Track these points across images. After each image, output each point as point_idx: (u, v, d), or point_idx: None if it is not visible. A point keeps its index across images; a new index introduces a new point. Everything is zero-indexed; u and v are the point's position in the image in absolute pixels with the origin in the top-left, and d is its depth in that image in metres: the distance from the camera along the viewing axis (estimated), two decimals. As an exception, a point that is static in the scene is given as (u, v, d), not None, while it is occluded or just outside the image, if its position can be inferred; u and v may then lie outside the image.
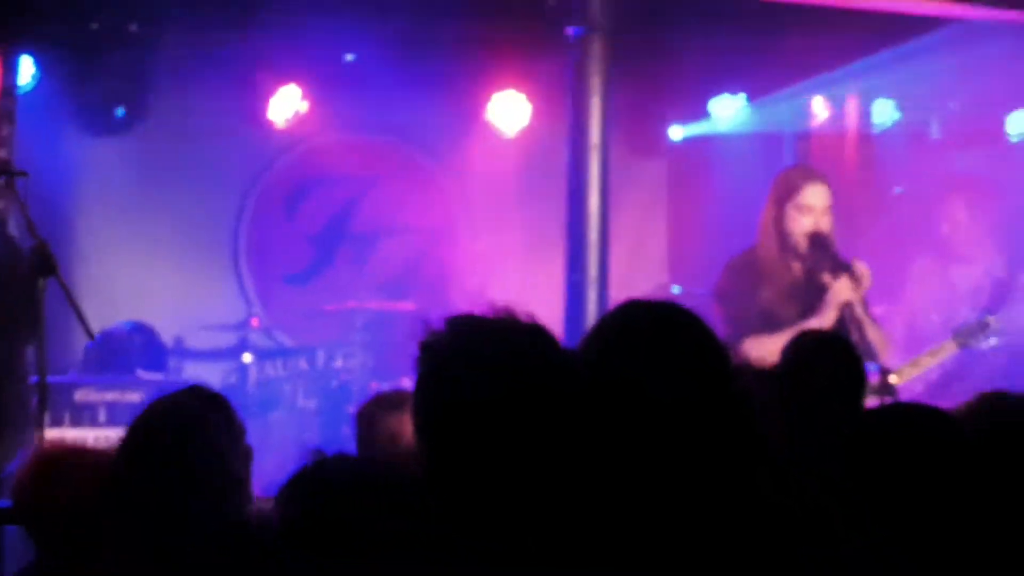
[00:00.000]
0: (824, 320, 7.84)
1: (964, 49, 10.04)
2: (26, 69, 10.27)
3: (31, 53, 10.28)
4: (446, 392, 2.64)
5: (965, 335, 8.91)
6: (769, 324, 7.71)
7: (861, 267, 7.91)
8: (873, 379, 7.70)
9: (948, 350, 8.92)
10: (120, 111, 10.82)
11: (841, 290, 7.75)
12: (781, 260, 8.05)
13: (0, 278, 7.52)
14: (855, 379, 5.55)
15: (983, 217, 9.70)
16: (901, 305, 9.71)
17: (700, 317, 3.18)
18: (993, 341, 9.05)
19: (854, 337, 7.58)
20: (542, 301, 2.87)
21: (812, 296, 7.97)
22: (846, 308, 7.71)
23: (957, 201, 9.72)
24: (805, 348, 5.54)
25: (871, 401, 7.37)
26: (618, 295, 8.10)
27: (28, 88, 10.31)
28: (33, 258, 7.47)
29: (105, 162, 11.10)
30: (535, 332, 2.68)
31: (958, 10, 9.17)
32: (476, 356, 2.64)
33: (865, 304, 7.90)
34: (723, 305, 8.08)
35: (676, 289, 10.62)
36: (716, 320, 7.91)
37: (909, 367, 8.87)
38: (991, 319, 9.00)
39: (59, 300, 7.69)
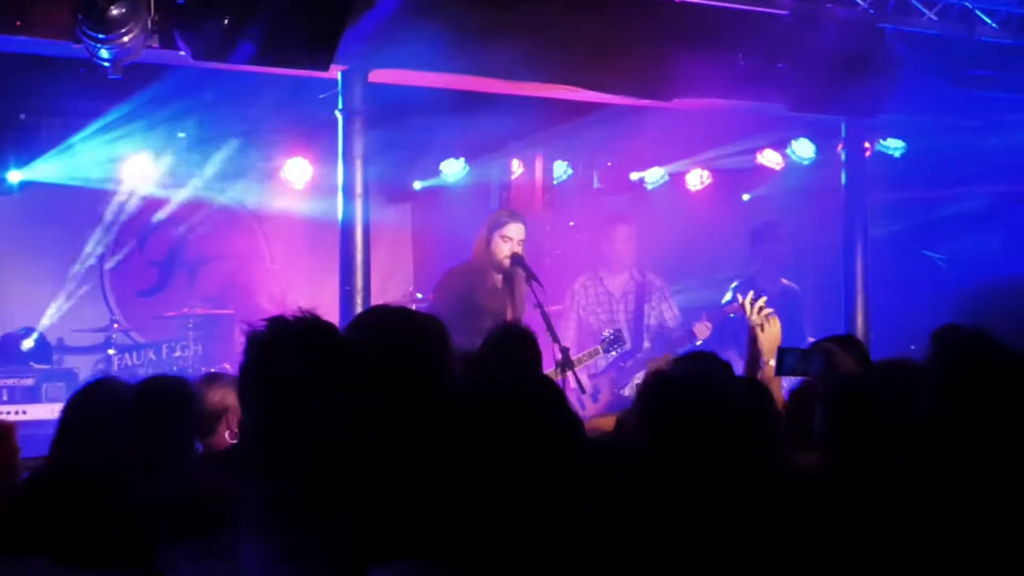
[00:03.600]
0: (519, 313, 8.07)
1: (604, 125, 10.13)
2: (-58, 147, 10.11)
3: (-55, 136, 10.13)
4: (267, 363, 2.69)
5: (606, 343, 9.10)
6: (479, 317, 7.71)
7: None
8: (558, 357, 7.87)
9: (596, 354, 9.11)
10: (14, 175, 10.61)
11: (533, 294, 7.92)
12: (489, 272, 8.17)
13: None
14: (534, 357, 5.68)
15: (630, 241, 9.88)
16: (572, 308, 9.72)
17: (421, 314, 3.41)
18: (625, 348, 9.28)
19: (546, 327, 7.79)
20: (323, 305, 3.00)
21: (509, 297, 8.10)
22: (538, 307, 7.89)
23: (617, 230, 9.88)
24: (498, 336, 5.57)
25: (555, 375, 7.60)
26: (377, 301, 8.24)
27: (-56, 162, 10.16)
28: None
29: (4, 213, 10.84)
30: (328, 325, 2.80)
31: (607, 97, 9.02)
32: (287, 339, 2.71)
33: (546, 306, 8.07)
34: (441, 302, 8.09)
35: (419, 295, 10.47)
36: (439, 314, 7.99)
37: (576, 360, 9.10)
38: (624, 333, 9.24)
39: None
